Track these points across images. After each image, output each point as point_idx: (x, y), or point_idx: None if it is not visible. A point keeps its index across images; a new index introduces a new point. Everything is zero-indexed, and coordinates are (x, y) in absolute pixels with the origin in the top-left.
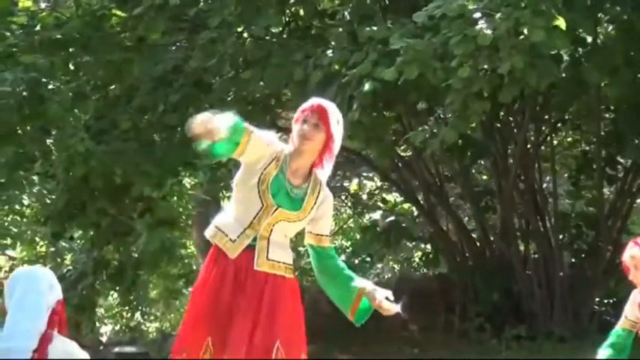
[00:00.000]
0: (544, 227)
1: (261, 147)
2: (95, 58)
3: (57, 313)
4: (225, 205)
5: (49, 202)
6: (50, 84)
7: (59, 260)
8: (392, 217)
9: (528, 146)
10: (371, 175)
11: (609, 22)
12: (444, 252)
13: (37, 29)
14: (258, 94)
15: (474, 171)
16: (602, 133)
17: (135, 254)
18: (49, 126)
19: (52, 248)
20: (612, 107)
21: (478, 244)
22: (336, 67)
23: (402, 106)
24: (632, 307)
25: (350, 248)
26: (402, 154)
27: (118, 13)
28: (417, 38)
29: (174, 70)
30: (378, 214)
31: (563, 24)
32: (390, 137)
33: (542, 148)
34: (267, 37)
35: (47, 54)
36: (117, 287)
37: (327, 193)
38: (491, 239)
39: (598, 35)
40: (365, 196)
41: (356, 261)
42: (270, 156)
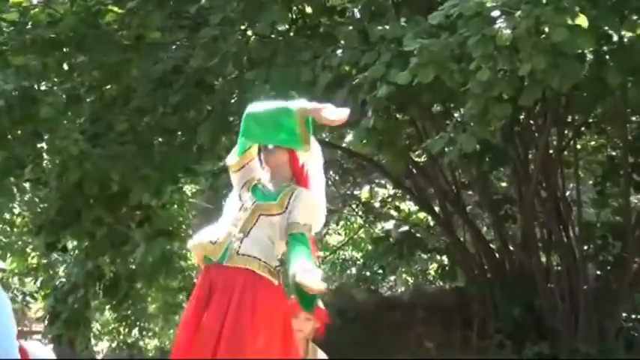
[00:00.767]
0: (567, 237)
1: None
2: (90, 57)
3: None
4: None
5: (40, 210)
6: (42, 85)
7: (52, 272)
8: (405, 227)
9: (550, 151)
10: (383, 182)
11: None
12: (461, 264)
13: (28, 27)
14: (263, 96)
15: (492, 178)
16: (630, 137)
17: (132, 266)
18: (40, 129)
19: (45, 260)
20: None
21: (497, 256)
22: (347, 68)
23: (416, 109)
24: None
25: (361, 260)
26: (417, 160)
27: (114, 9)
28: (433, 38)
29: (174, 70)
30: (391, 223)
31: (585, 22)
32: (403, 142)
33: (565, 153)
34: (273, 36)
35: (40, 54)
36: (112, 301)
37: (302, 189)
38: (511, 250)
39: (623, 33)
40: (377, 205)
41: (367, 273)
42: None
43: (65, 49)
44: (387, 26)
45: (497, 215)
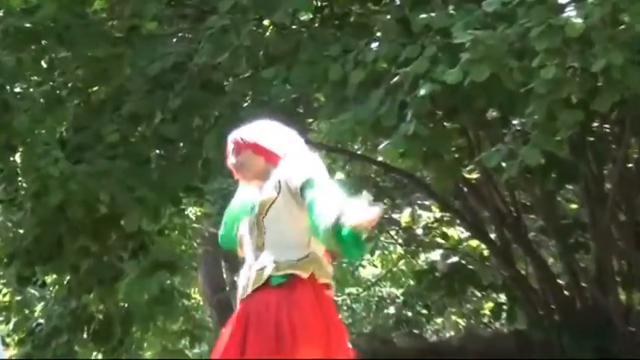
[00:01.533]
0: None
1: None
2: (74, 52)
3: None
4: None
5: (13, 237)
6: (16, 87)
7: (27, 312)
8: (455, 258)
9: (629, 165)
10: (427, 203)
11: None
12: (521, 303)
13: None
14: (283, 99)
15: (560, 198)
16: None
17: (125, 305)
18: (14, 141)
19: (19, 297)
20: None
21: (566, 293)
22: (384, 64)
23: (467, 115)
24: None
25: (401, 298)
26: (468, 177)
27: None
28: (488, 29)
29: (174, 67)
30: (437, 253)
31: None
32: (452, 155)
33: None
34: (294, 26)
35: (13, 49)
36: (101, 347)
37: (283, 165)
38: (582, 286)
39: None
40: (420, 231)
41: (409, 314)
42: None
43: (44, 42)
44: (433, 14)
45: (566, 243)
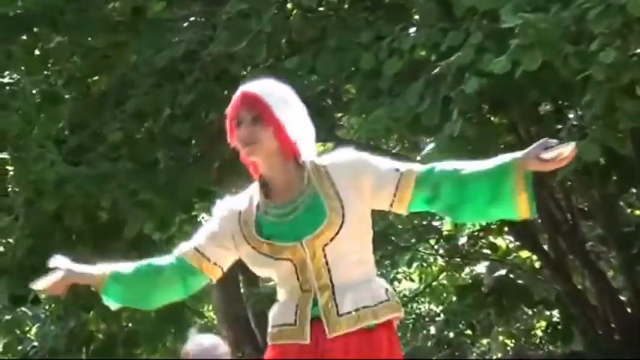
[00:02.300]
0: None
1: (221, 236)
2: (70, 40)
3: None
4: None
5: (4, 249)
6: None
7: (19, 333)
8: (503, 271)
9: None
10: None
11: None
12: (578, 321)
13: None
14: (309, 92)
15: (621, 203)
16: None
17: (128, 324)
18: (4, 142)
19: (9, 316)
20: None
21: (628, 310)
22: (423, 52)
23: (517, 109)
24: None
25: (442, 316)
26: None
27: None
28: (540, 11)
29: (186, 57)
30: (483, 266)
31: None
32: (500, 153)
33: None
34: (322, 9)
35: (1, 39)
36: None
37: (332, 159)
38: None
39: None
40: (463, 240)
41: (451, 334)
42: (232, 223)
43: (36, 30)
44: None
45: (629, 254)
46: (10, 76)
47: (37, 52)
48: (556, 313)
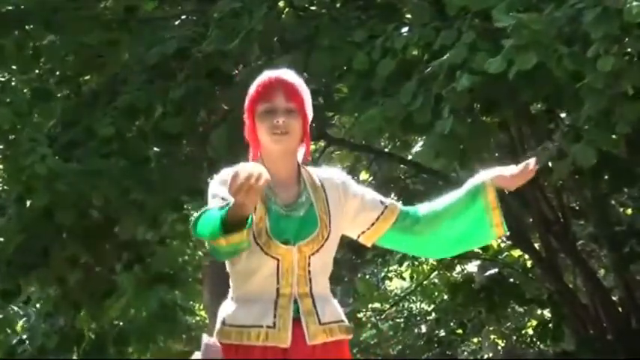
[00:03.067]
0: None
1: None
2: (63, 38)
3: None
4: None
5: None
6: None
7: (8, 331)
8: (494, 270)
9: None
10: None
11: None
12: (569, 320)
13: None
14: None
15: (613, 202)
16: None
17: (119, 322)
18: None
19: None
20: None
21: (620, 309)
22: (415, 51)
23: (509, 109)
24: None
25: (433, 315)
26: None
27: None
28: (534, 11)
29: (178, 54)
30: (474, 264)
31: None
32: (492, 153)
33: None
34: (314, 7)
35: None
36: None
37: (327, 175)
38: (639, 301)
39: None
40: None
41: (442, 333)
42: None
43: (28, 27)
44: None
45: (621, 253)
46: (1, 74)
47: (29, 50)
48: (547, 312)
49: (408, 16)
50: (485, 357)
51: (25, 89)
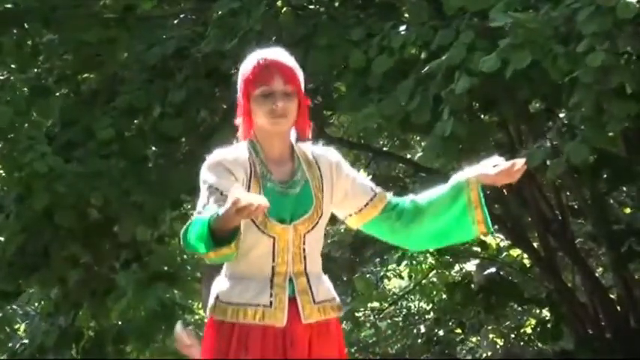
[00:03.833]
0: None
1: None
2: (62, 37)
3: None
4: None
5: None
6: None
7: (8, 330)
8: (493, 269)
9: None
10: None
11: None
12: (568, 319)
13: None
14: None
15: (612, 201)
16: None
17: (118, 321)
18: None
19: None
20: None
21: (618, 308)
22: (413, 50)
23: (507, 108)
24: None
25: (431, 314)
26: None
27: None
28: (530, 11)
29: (176, 54)
30: (473, 264)
31: None
32: (490, 152)
33: None
34: (312, 7)
35: None
36: None
37: (321, 152)
38: (637, 300)
39: None
40: None
41: (440, 332)
42: (243, 179)
43: (27, 25)
44: None
45: (619, 252)
46: (0, 72)
47: (27, 48)
48: (546, 311)
49: (405, 15)
50: (483, 356)
51: (23, 87)
